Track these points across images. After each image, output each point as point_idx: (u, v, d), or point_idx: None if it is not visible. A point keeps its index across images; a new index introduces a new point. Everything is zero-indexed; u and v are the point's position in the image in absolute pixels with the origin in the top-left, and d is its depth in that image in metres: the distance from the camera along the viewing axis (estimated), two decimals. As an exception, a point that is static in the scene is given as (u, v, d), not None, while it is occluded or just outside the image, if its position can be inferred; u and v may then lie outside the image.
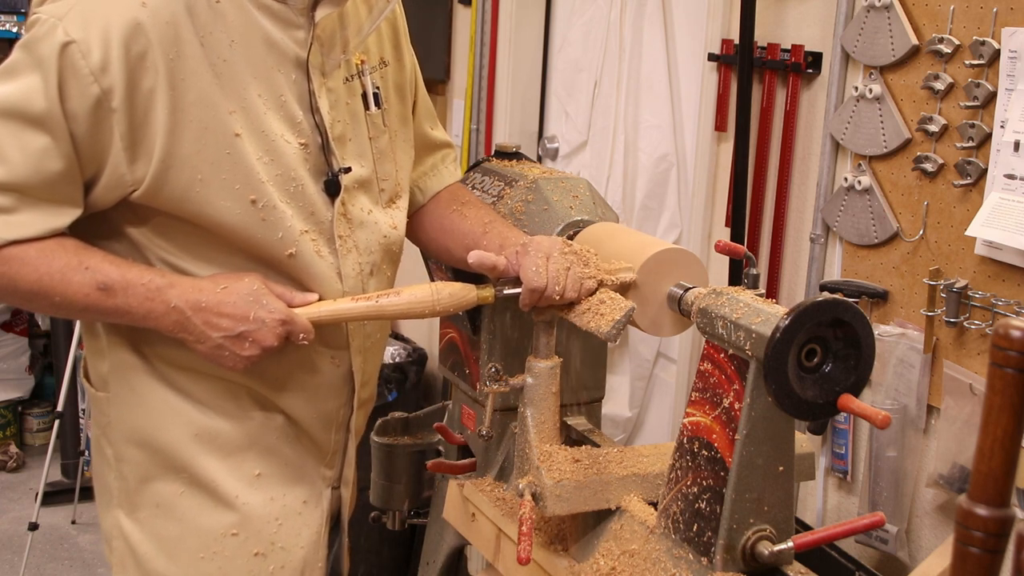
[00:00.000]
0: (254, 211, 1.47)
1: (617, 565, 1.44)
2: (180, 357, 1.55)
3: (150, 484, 1.59)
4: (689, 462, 1.36)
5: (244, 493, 1.60)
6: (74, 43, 1.36)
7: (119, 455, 1.60)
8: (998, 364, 0.77)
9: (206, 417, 1.58)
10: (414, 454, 2.05)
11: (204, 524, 1.59)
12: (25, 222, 1.41)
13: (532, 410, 1.54)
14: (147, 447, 1.59)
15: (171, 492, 1.59)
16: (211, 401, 1.58)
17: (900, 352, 1.99)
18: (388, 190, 1.66)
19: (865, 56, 2.03)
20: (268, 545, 1.62)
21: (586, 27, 3.03)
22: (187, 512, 1.59)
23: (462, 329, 1.84)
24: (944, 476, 1.91)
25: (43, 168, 1.40)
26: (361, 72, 1.60)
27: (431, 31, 3.55)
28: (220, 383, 1.57)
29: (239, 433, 1.60)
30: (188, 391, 1.57)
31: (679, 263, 1.51)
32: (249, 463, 1.61)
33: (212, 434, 1.59)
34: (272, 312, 1.47)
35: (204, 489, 1.59)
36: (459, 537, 1.87)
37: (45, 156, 1.39)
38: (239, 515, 1.60)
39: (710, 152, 2.46)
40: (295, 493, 1.65)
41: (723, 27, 2.39)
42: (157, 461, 1.59)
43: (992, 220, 1.78)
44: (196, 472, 1.58)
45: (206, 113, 1.43)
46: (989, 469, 0.79)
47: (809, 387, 1.30)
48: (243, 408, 1.60)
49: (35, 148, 1.39)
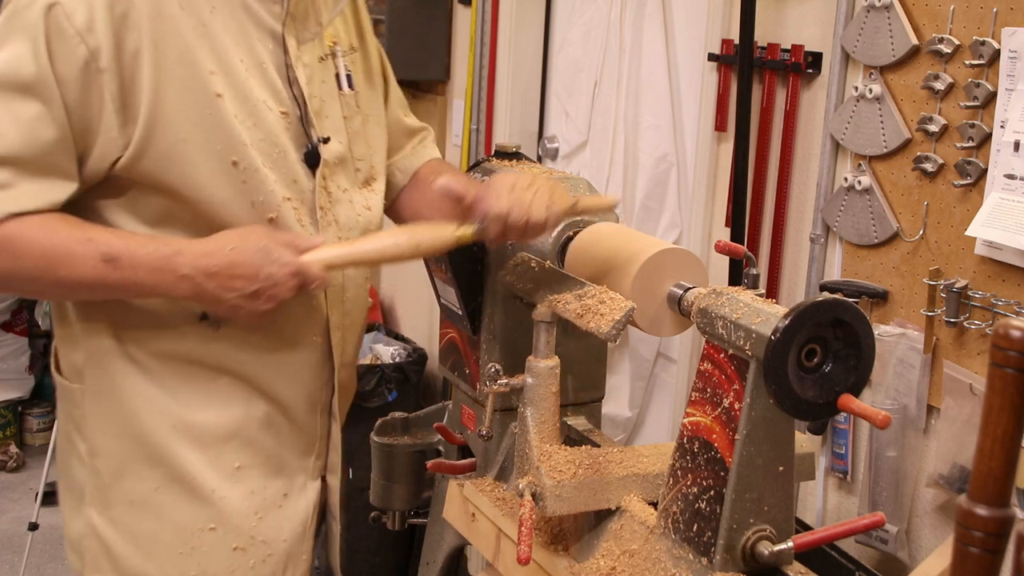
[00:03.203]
0: (235, 173, 1.47)
1: (617, 565, 1.44)
2: (159, 344, 1.54)
3: (125, 479, 1.57)
4: (689, 462, 1.36)
5: (222, 487, 1.58)
6: (58, 5, 1.37)
7: (94, 449, 1.57)
8: (998, 364, 0.77)
9: (184, 408, 1.56)
10: (414, 454, 2.05)
11: (180, 519, 1.57)
12: (24, 195, 1.39)
13: (532, 410, 1.54)
14: (123, 439, 1.56)
15: (147, 488, 1.57)
16: (190, 391, 1.56)
17: (900, 352, 1.99)
18: (364, 171, 1.67)
19: (865, 56, 2.03)
20: (248, 539, 1.60)
21: (586, 27, 3.03)
22: (163, 507, 1.57)
23: (462, 329, 1.84)
24: (944, 476, 1.91)
25: (38, 138, 1.38)
26: (334, 53, 1.62)
27: (431, 31, 3.55)
28: (201, 371, 1.56)
29: (219, 424, 1.58)
30: (166, 380, 1.55)
31: (679, 263, 1.51)
32: (229, 455, 1.59)
33: (190, 425, 1.56)
34: (283, 266, 1.45)
35: (180, 483, 1.57)
36: (459, 537, 1.87)
37: (39, 124, 1.38)
38: (216, 509, 1.58)
39: (710, 152, 2.46)
40: (276, 486, 1.64)
41: (723, 27, 2.39)
42: (134, 454, 1.56)
43: (992, 220, 1.78)
44: (173, 465, 1.56)
45: (187, 72, 1.43)
46: (989, 469, 0.79)
47: (809, 387, 1.30)
48: (223, 398, 1.58)
49: (28, 117, 1.38)
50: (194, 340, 1.55)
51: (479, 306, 1.78)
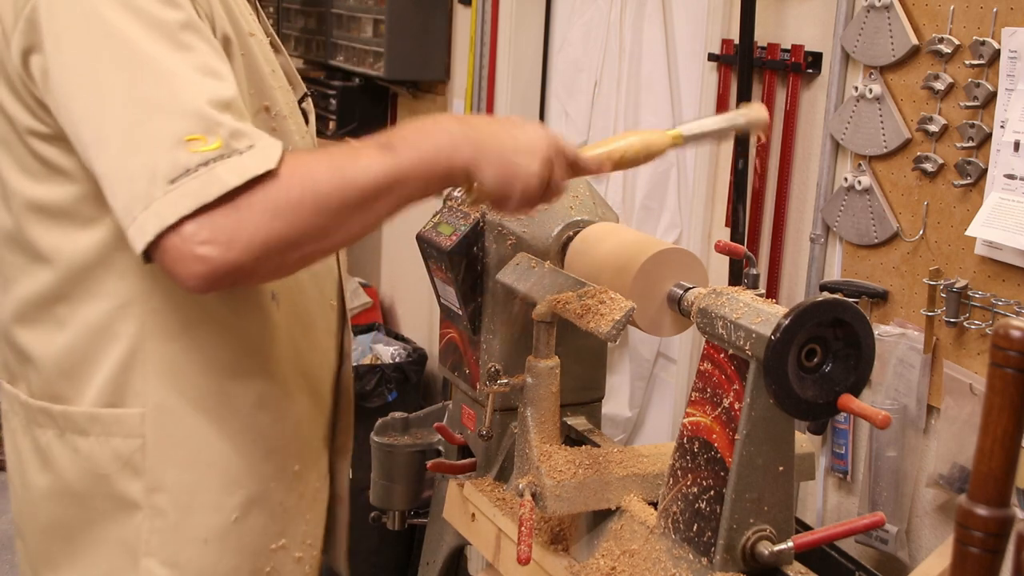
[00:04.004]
0: (267, 119, 1.34)
1: (617, 565, 1.44)
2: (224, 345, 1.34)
3: (195, 515, 1.34)
4: (689, 462, 1.36)
5: (288, 498, 1.42)
6: None
7: (157, 483, 1.32)
8: (998, 364, 0.78)
9: (262, 412, 1.38)
10: (414, 454, 2.05)
11: (258, 546, 1.39)
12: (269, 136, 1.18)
13: (532, 410, 1.54)
14: (197, 466, 1.33)
15: (223, 520, 1.35)
16: (249, 397, 1.37)
17: (900, 352, 1.99)
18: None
19: (865, 56, 2.03)
20: (303, 545, 1.47)
21: (586, 27, 3.03)
22: (242, 538, 1.37)
23: (462, 329, 1.84)
24: (944, 476, 1.91)
25: (233, 75, 1.21)
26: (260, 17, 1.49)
27: (431, 31, 3.55)
28: (256, 373, 1.37)
29: (282, 428, 1.41)
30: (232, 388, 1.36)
31: (679, 263, 1.51)
32: (290, 460, 1.42)
33: (258, 436, 1.38)
34: (559, 150, 1.26)
35: (259, 504, 1.38)
36: (459, 537, 1.87)
37: (221, 63, 1.20)
38: (282, 523, 1.42)
39: (710, 152, 2.46)
40: (312, 480, 1.49)
41: (723, 27, 2.39)
42: (208, 481, 1.34)
43: (992, 220, 1.78)
44: (252, 484, 1.37)
45: (224, 7, 1.29)
46: (989, 469, 0.79)
47: (809, 387, 1.30)
48: (279, 397, 1.40)
49: (212, 53, 1.19)
50: (260, 325, 1.37)
51: (479, 306, 1.78)
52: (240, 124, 1.14)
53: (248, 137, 1.14)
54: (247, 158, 1.12)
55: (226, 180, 1.10)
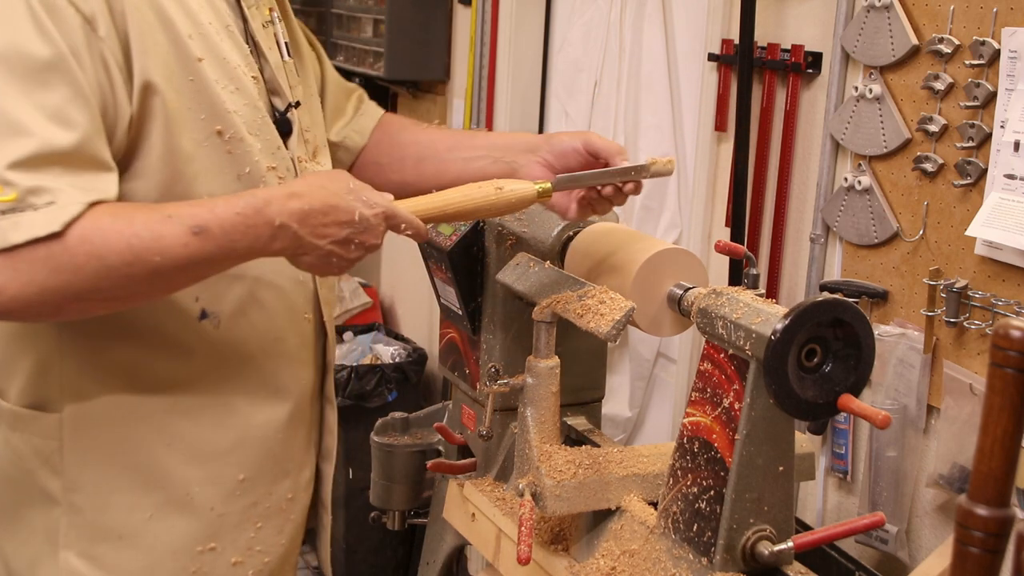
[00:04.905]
0: (220, 143, 1.36)
1: (617, 565, 1.44)
2: (154, 355, 1.40)
3: (111, 512, 1.41)
4: (689, 462, 1.36)
5: (222, 504, 1.46)
6: None
7: (73, 483, 1.40)
8: (998, 364, 0.77)
9: (185, 420, 1.43)
10: (414, 454, 2.05)
11: (178, 545, 1.44)
12: (80, 191, 1.22)
13: (532, 410, 1.54)
14: (112, 466, 1.40)
15: (139, 518, 1.42)
16: (188, 404, 1.43)
17: (900, 352, 1.99)
18: (312, 141, 1.58)
19: (865, 56, 2.03)
20: (246, 551, 1.50)
21: (586, 27, 3.03)
22: (159, 537, 1.43)
23: (462, 329, 1.84)
24: (944, 476, 1.91)
25: (74, 125, 1.23)
26: (273, 20, 1.53)
27: (431, 31, 3.55)
28: (199, 381, 1.43)
29: (222, 436, 1.46)
30: (161, 394, 1.41)
31: (679, 263, 1.51)
32: (231, 468, 1.47)
33: (190, 442, 1.43)
34: (373, 207, 1.33)
35: (178, 506, 1.43)
36: (459, 537, 1.87)
37: (71, 109, 1.23)
38: (214, 528, 1.46)
39: (710, 152, 2.46)
40: (281, 491, 1.53)
41: (723, 27, 2.39)
42: (124, 482, 1.41)
43: (992, 220, 1.78)
44: (171, 487, 1.43)
45: (167, 36, 1.31)
46: (989, 469, 0.79)
47: (809, 387, 1.30)
48: (224, 408, 1.45)
49: (55, 103, 1.22)
50: (195, 342, 1.42)
51: (479, 306, 1.78)
52: (46, 181, 1.19)
53: (50, 193, 1.19)
54: (40, 215, 1.18)
55: (8, 236, 1.18)
